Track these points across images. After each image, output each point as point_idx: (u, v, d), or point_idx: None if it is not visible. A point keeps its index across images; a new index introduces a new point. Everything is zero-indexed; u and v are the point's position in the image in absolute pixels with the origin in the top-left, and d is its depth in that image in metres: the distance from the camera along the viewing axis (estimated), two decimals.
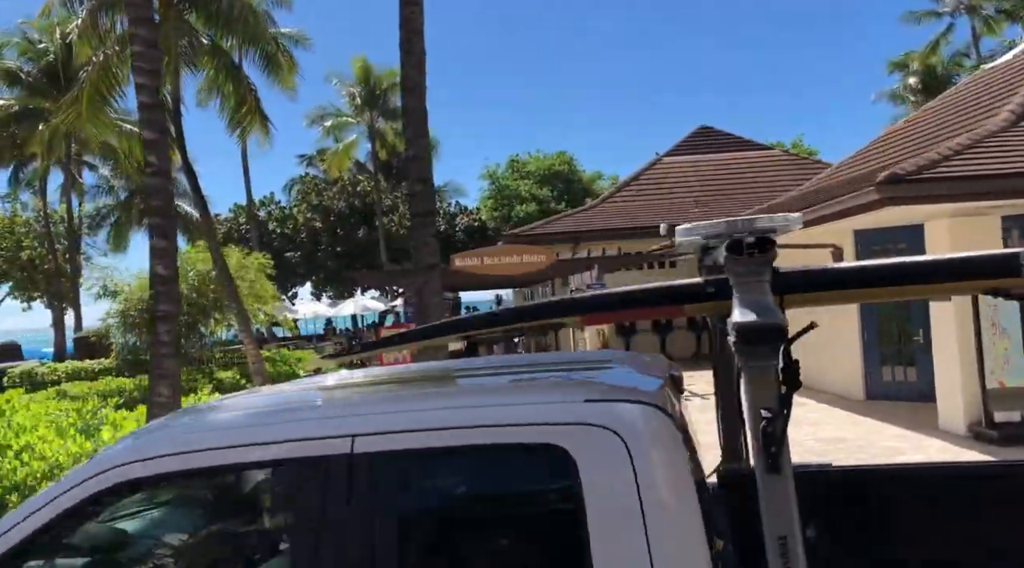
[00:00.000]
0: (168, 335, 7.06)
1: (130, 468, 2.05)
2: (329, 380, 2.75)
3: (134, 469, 2.05)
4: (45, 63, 28.01)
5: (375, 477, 1.90)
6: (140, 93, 6.88)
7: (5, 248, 34.03)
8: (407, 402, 2.13)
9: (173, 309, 7.10)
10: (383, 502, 1.92)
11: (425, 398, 2.17)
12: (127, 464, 2.06)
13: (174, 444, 2.08)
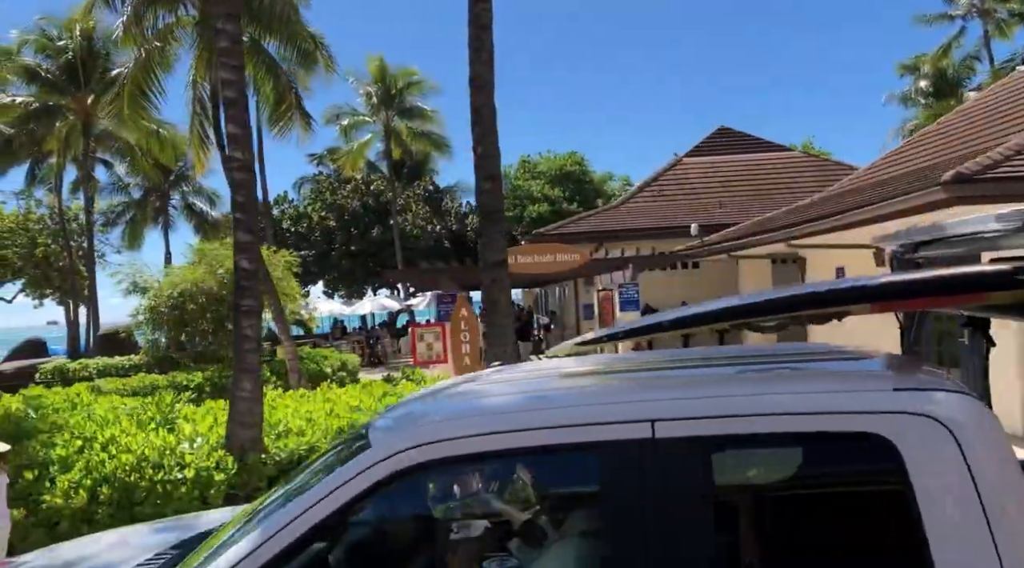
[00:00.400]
0: (252, 330, 7.09)
1: (413, 454, 2.01)
2: (576, 365, 2.71)
3: (417, 454, 2.01)
4: (64, 60, 27.98)
5: (679, 462, 1.88)
6: (226, 89, 6.92)
7: (20, 245, 34.02)
8: (708, 388, 2.09)
9: (256, 304, 7.12)
10: (686, 488, 1.88)
11: (726, 384, 2.13)
12: (410, 449, 2.02)
13: (459, 429, 2.05)
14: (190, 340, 18.85)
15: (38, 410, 8.15)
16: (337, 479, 2.04)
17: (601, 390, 2.27)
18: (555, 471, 2.41)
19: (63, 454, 6.92)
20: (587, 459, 2.05)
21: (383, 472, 2.00)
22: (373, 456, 2.05)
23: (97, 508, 6.54)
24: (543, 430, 1.99)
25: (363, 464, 2.04)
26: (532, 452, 2.09)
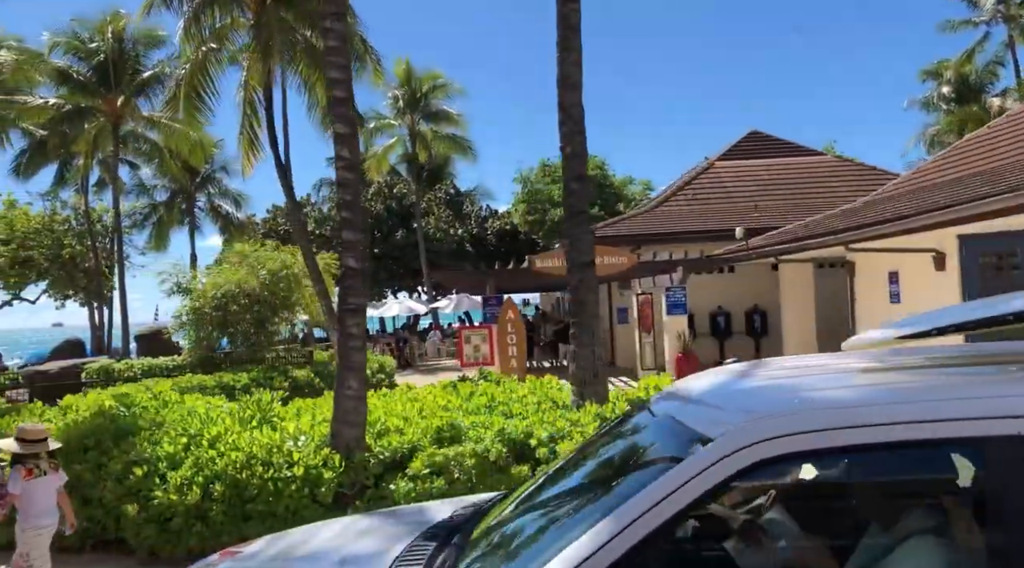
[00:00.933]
0: (357, 328, 7.12)
1: (769, 445, 1.93)
2: (857, 361, 2.65)
3: (774, 446, 1.93)
4: (95, 62, 28.12)
5: None
6: (334, 88, 6.96)
7: (45, 246, 34.12)
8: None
9: (363, 302, 7.15)
10: None
11: None
12: (766, 441, 1.93)
13: (820, 420, 1.95)
14: (232, 340, 18.92)
15: (130, 407, 8.19)
16: (685, 472, 1.96)
17: (964, 384, 2.18)
18: (920, 466, 2.34)
19: (171, 451, 6.96)
20: (958, 454, 1.97)
21: (735, 466, 1.92)
22: (730, 445, 1.96)
23: (210, 505, 6.57)
24: (925, 424, 1.90)
25: (711, 457, 1.96)
26: (899, 447, 1.95)
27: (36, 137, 31.32)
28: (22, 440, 5.44)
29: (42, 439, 5.50)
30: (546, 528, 2.36)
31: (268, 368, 17.69)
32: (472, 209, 42.25)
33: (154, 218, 35.32)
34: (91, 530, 7.03)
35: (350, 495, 6.80)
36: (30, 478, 5.34)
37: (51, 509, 5.49)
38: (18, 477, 5.31)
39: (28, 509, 5.34)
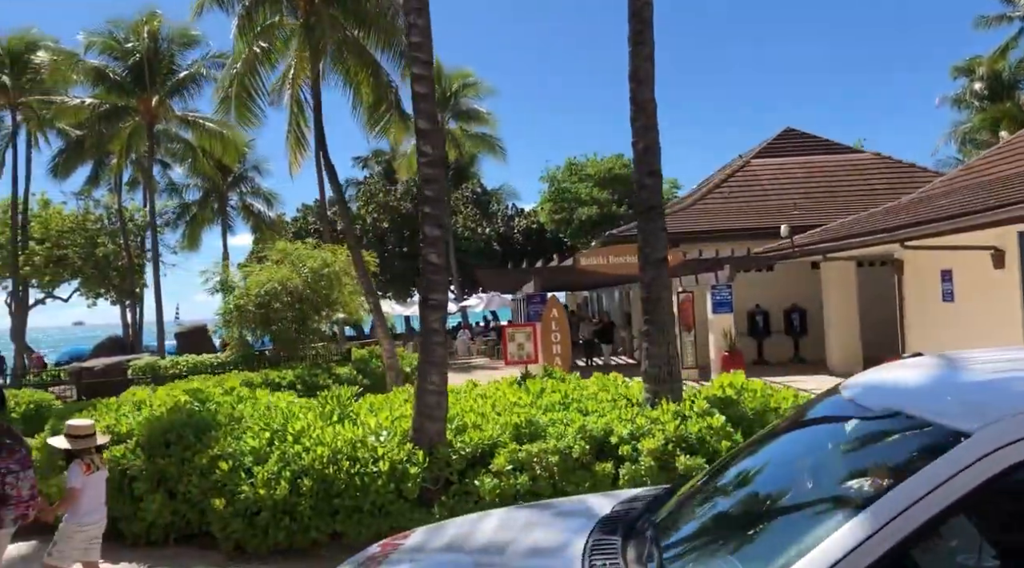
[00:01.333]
0: (439, 323, 7.13)
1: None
2: None
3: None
4: (131, 62, 28.36)
5: None
6: (417, 83, 6.97)
7: (79, 245, 34.53)
8: None
9: (444, 298, 7.17)
10: None
11: None
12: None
13: None
14: (273, 338, 19.03)
15: (204, 403, 8.26)
16: (949, 465, 1.88)
17: None
18: None
19: (255, 446, 7.00)
20: None
21: (1006, 460, 1.85)
22: (993, 440, 1.88)
23: (298, 500, 6.61)
24: None
25: (981, 449, 1.87)
26: None
27: (72, 137, 31.66)
28: (72, 436, 5.48)
29: (91, 434, 5.54)
30: (764, 523, 2.33)
31: (311, 365, 17.77)
32: (498, 208, 42.27)
33: (187, 217, 35.60)
34: (175, 524, 7.10)
35: (434, 490, 6.82)
36: (89, 473, 5.39)
37: (101, 505, 5.52)
38: (79, 471, 5.36)
39: (80, 505, 5.35)
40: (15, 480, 4.87)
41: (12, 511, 4.85)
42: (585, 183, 40.89)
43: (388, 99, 14.96)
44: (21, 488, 4.89)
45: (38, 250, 33.88)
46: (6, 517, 4.82)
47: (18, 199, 30.63)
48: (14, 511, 4.85)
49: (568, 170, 42.06)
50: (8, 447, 4.94)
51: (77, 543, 5.34)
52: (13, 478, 4.86)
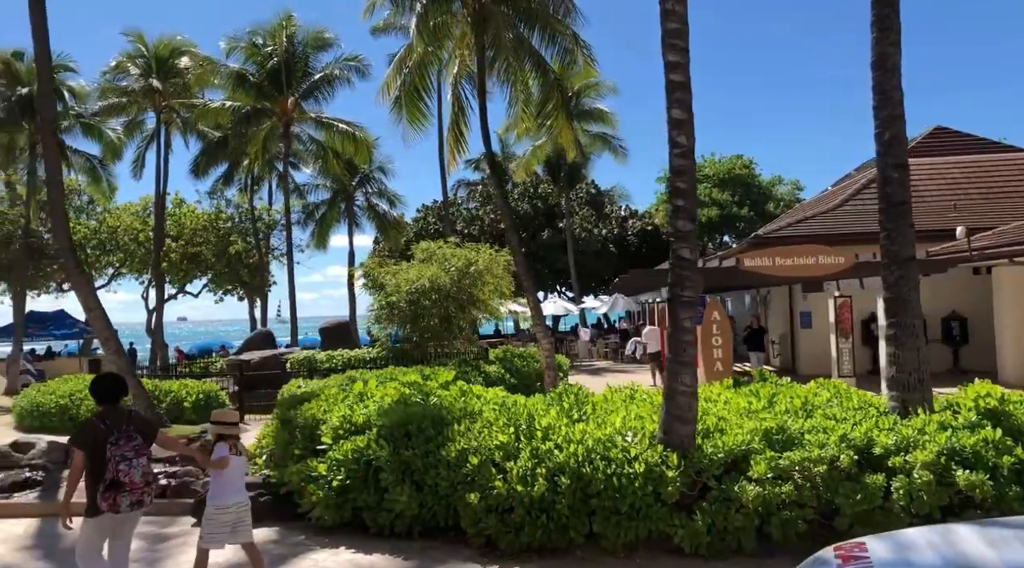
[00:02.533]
0: (690, 322, 6.91)
1: None
2: None
3: None
4: (270, 66, 29.38)
5: None
6: (673, 71, 6.76)
7: (212, 243, 35.96)
8: None
9: (695, 295, 6.94)
10: None
11: None
12: None
13: None
14: (420, 335, 19.25)
15: (428, 396, 8.27)
16: None
17: None
18: None
19: (504, 441, 6.92)
20: None
21: None
22: None
23: (556, 498, 6.49)
24: None
25: None
26: None
27: (210, 138, 33.03)
28: (219, 422, 5.84)
29: (235, 422, 5.90)
30: None
31: (462, 363, 17.88)
32: (611, 209, 41.84)
33: (316, 217, 36.67)
34: (421, 516, 7.08)
35: (692, 496, 6.58)
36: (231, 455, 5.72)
37: (241, 489, 5.78)
38: (225, 449, 5.69)
39: (220, 487, 5.66)
40: (127, 467, 5.03)
41: (128, 497, 5.01)
42: (704, 184, 40.01)
43: (554, 97, 14.83)
44: (134, 475, 5.04)
45: (174, 247, 35.46)
46: (122, 503, 4.99)
47: (158, 198, 32.29)
48: (129, 497, 5.01)
49: None
50: (127, 434, 5.12)
51: (221, 525, 5.60)
52: (126, 465, 5.03)
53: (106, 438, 5.02)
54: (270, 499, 7.87)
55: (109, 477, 4.96)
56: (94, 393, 5.35)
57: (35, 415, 16.56)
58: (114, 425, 5.11)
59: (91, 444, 5.04)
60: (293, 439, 8.07)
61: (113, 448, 5.00)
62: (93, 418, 5.21)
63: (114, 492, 4.95)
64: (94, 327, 14.49)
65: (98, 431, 5.07)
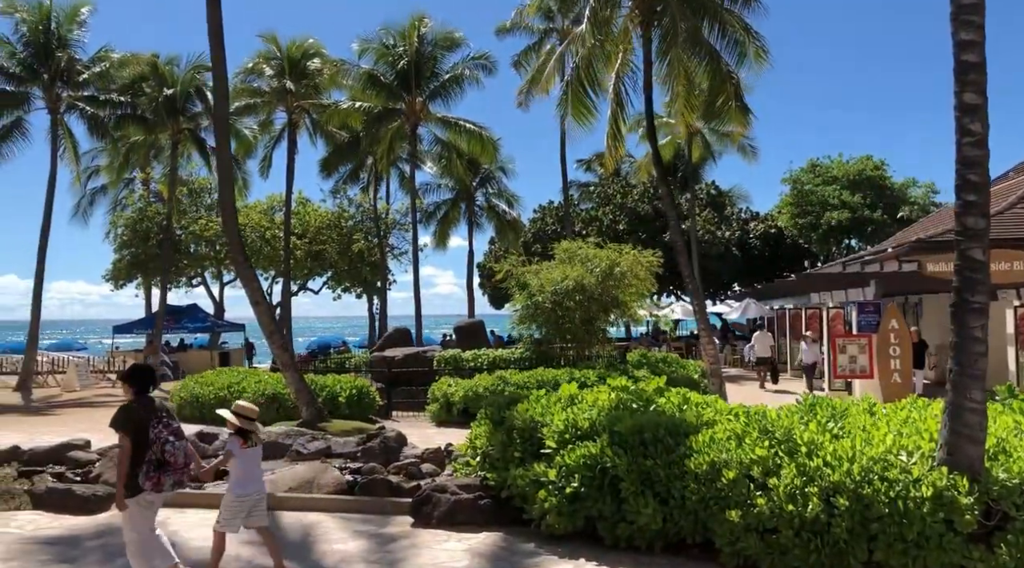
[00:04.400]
0: (981, 331, 6.21)
1: None
2: None
3: None
4: (400, 67, 29.69)
5: None
6: (966, 51, 6.10)
7: (336, 241, 36.78)
8: None
9: (987, 301, 6.25)
10: None
11: None
12: None
13: None
14: (561, 336, 18.91)
15: (649, 403, 7.81)
16: None
17: None
18: None
19: (762, 455, 6.39)
20: None
21: None
22: None
23: (831, 520, 5.91)
24: None
25: None
26: None
27: (337, 139, 33.70)
28: (239, 415, 6.05)
29: (254, 418, 6.15)
30: None
31: (608, 366, 17.44)
32: (732, 211, 40.53)
33: (438, 216, 36.99)
34: (665, 530, 6.63)
35: (988, 525, 5.87)
36: (246, 447, 5.98)
37: (257, 477, 6.08)
38: (237, 443, 5.97)
39: (238, 476, 5.99)
40: (172, 449, 5.33)
41: (171, 476, 5.33)
42: (831, 186, 38.26)
43: (727, 89, 14.15)
44: (177, 456, 5.35)
45: (299, 245, 36.43)
46: (165, 481, 5.30)
47: (278, 196, 33.22)
48: (172, 476, 5.34)
49: (812, 172, 39.57)
50: (164, 421, 5.42)
51: (239, 512, 5.97)
52: (171, 447, 5.33)
53: (147, 422, 5.32)
54: (490, 502, 7.59)
55: (154, 457, 5.26)
56: (130, 381, 5.62)
57: (195, 406, 17.05)
58: (150, 411, 5.42)
59: (133, 427, 5.32)
60: (511, 441, 7.76)
61: (155, 430, 5.31)
62: (131, 403, 5.49)
63: (159, 472, 5.26)
64: (260, 321, 14.71)
65: (139, 416, 5.36)
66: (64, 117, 27.47)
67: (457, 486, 7.77)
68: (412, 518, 7.75)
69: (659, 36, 14.08)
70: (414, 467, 10.45)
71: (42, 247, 26.29)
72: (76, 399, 22.35)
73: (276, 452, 11.51)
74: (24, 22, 26.20)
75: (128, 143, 29.10)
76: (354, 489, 9.33)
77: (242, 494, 5.96)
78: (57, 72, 26.48)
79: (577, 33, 14.84)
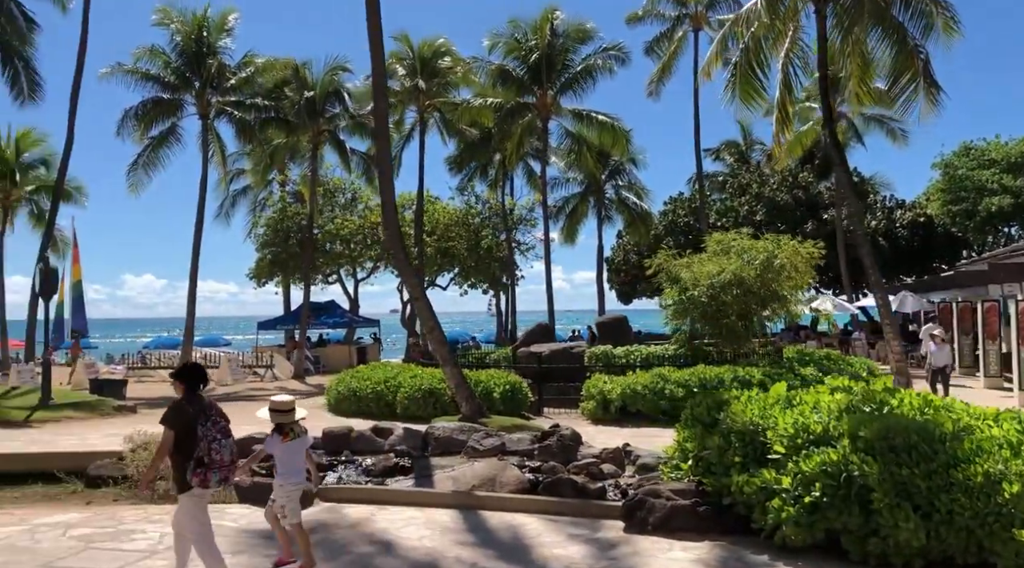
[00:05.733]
0: None
1: None
2: None
3: None
4: (532, 61, 29.47)
5: None
6: None
7: (464, 237, 37.04)
8: None
9: None
10: None
11: None
12: None
13: None
14: (715, 332, 18.13)
15: (881, 405, 7.11)
16: None
17: None
18: None
19: None
20: None
21: None
22: None
23: None
24: None
25: None
26: None
27: (466, 136, 33.86)
28: (275, 411, 6.14)
29: (291, 410, 6.18)
30: None
31: (772, 363, 16.55)
32: (875, 199, 38.18)
33: (567, 210, 36.68)
34: (928, 547, 5.95)
35: None
36: (287, 441, 6.06)
37: (301, 469, 6.17)
38: (277, 439, 6.09)
39: (284, 468, 6.10)
40: (219, 446, 5.44)
41: (216, 474, 5.43)
42: (990, 170, 35.36)
43: (914, 67, 13.03)
44: (223, 454, 5.46)
45: (429, 242, 36.89)
46: (211, 479, 5.41)
47: (407, 194, 33.67)
48: (218, 474, 5.44)
49: (966, 155, 36.71)
50: (212, 419, 5.52)
51: (295, 498, 6.12)
52: (217, 445, 5.44)
53: (196, 420, 5.42)
54: (709, 509, 7.09)
55: (201, 455, 5.36)
56: (180, 379, 5.70)
57: (352, 400, 17.31)
58: (200, 409, 5.51)
59: (182, 425, 5.42)
60: (729, 445, 7.23)
61: (203, 429, 5.40)
62: (181, 401, 5.56)
63: (205, 469, 5.37)
64: (420, 316, 14.80)
65: (188, 413, 5.46)
66: (213, 122, 28.73)
67: (671, 491, 7.31)
68: (623, 522, 7.36)
69: (834, 11, 13.11)
70: (594, 467, 10.11)
71: (196, 247, 27.59)
72: (230, 393, 23.31)
73: (451, 448, 11.45)
74: (178, 32, 27.54)
75: (272, 146, 30.17)
76: (536, 488, 9.09)
77: (295, 483, 6.11)
78: (208, 79, 27.71)
79: (742, 14, 14.05)
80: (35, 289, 20.24)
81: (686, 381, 15.01)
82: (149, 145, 27.76)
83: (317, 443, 11.84)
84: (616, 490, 9.42)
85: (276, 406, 6.18)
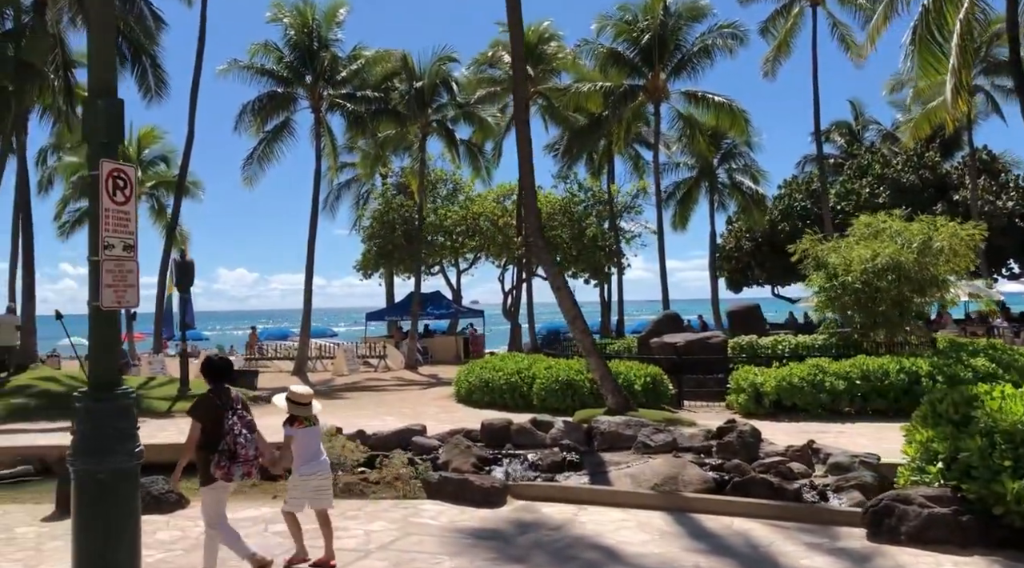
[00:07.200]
0: None
1: None
2: None
3: None
4: (644, 43, 28.53)
5: None
6: None
7: (567, 226, 36.34)
8: None
9: None
10: None
11: None
12: None
13: None
14: (868, 320, 16.97)
15: None
16: None
17: None
18: None
19: None
20: None
21: None
22: None
23: None
24: None
25: None
26: None
27: (572, 122, 33.15)
28: (294, 402, 6.10)
29: (308, 403, 6.15)
30: None
31: (936, 353, 15.33)
32: (1008, 178, 35.63)
33: (678, 196, 35.64)
34: None
35: None
36: (301, 426, 6.06)
37: (318, 456, 6.12)
38: (292, 429, 6.05)
39: (299, 455, 6.03)
40: (244, 441, 5.47)
41: (240, 468, 5.45)
42: None
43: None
44: (248, 449, 5.49)
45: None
46: (235, 472, 5.44)
47: (508, 184, 33.21)
48: (242, 468, 5.46)
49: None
50: (239, 413, 5.55)
51: (304, 492, 6.05)
52: (243, 439, 5.47)
53: (222, 413, 5.46)
54: (972, 519, 6.28)
55: (225, 448, 5.38)
56: (206, 373, 5.70)
57: (484, 390, 16.95)
58: (226, 403, 5.53)
59: (209, 418, 5.44)
60: (993, 447, 6.39)
61: (229, 422, 5.43)
62: (209, 394, 5.58)
63: (229, 462, 5.38)
64: (562, 306, 14.24)
65: (215, 407, 5.49)
66: (325, 115, 28.91)
67: (924, 497, 6.51)
68: (865, 530, 6.61)
69: None
70: (783, 466, 9.39)
71: (311, 240, 27.81)
72: (350, 383, 23.37)
73: (617, 443, 10.86)
74: (291, 27, 27.78)
75: (381, 137, 30.20)
76: (722, 488, 8.48)
77: (307, 473, 6.04)
78: (320, 72, 27.87)
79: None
80: (173, 281, 20.68)
81: (847, 373, 14.01)
82: (264, 138, 28.13)
83: (476, 435, 11.58)
84: (812, 492, 8.70)
85: (297, 398, 6.14)
